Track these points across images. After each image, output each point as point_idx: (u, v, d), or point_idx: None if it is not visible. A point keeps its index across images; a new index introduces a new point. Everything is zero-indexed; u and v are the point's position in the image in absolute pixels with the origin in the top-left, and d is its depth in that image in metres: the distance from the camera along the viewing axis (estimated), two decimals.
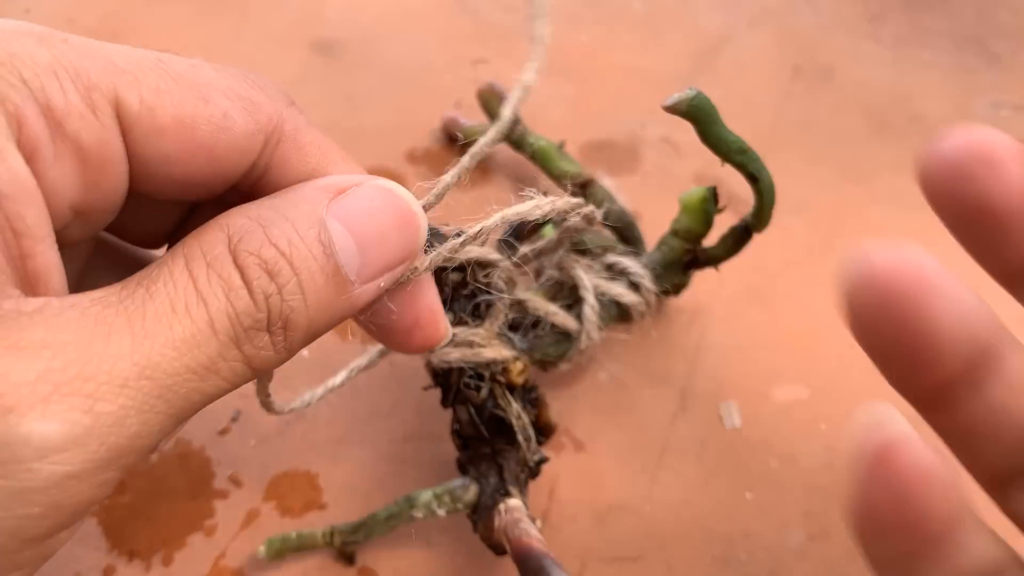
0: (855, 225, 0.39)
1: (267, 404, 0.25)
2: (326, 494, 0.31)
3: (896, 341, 0.16)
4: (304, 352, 0.34)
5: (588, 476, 0.32)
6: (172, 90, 0.19)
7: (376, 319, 0.21)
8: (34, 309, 0.16)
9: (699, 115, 0.25)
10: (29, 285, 0.18)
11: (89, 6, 0.49)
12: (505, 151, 0.40)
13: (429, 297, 0.22)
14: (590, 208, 0.25)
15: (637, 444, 0.32)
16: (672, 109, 0.25)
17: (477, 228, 0.22)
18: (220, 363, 0.18)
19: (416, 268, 0.21)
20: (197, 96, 0.20)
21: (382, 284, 0.20)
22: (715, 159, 0.27)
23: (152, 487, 0.31)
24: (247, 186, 0.22)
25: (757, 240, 0.30)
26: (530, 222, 0.23)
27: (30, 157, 0.18)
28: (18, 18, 0.19)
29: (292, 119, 0.21)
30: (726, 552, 0.30)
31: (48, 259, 0.18)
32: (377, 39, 0.47)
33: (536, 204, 0.23)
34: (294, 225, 0.19)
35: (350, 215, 0.19)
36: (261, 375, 0.20)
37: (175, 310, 0.17)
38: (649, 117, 0.43)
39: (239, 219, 0.19)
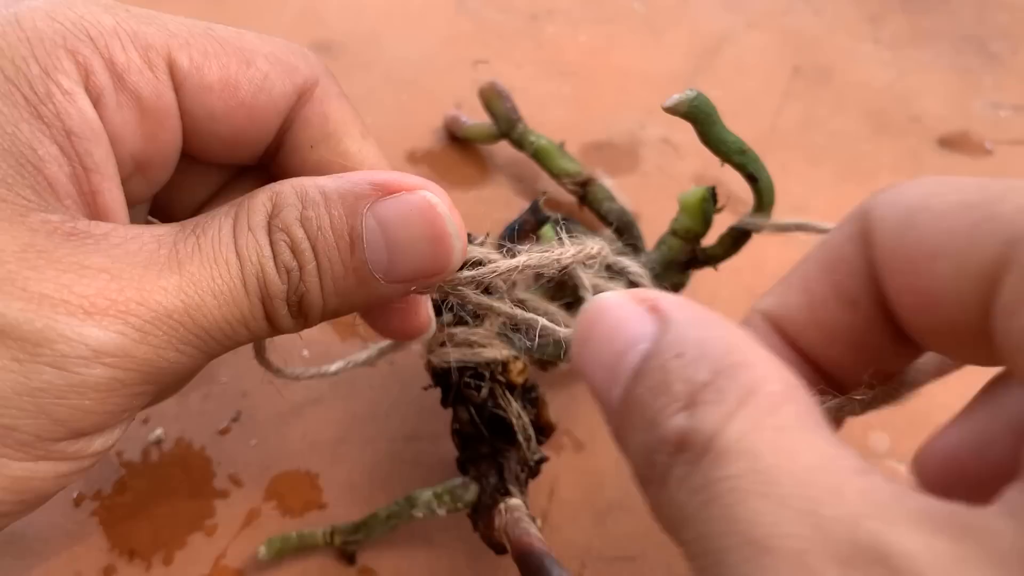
0: None
1: (262, 356, 0.27)
2: (326, 494, 0.31)
3: None
4: (305, 351, 0.34)
5: (588, 476, 0.32)
6: (219, 53, 0.22)
7: None
8: (101, 233, 0.19)
9: (699, 116, 0.25)
10: (98, 219, 0.20)
11: None
12: (506, 150, 0.40)
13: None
14: (604, 252, 0.25)
15: None
16: (672, 110, 0.25)
17: (503, 268, 0.22)
18: (250, 320, 0.20)
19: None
20: (241, 59, 0.22)
21: (413, 288, 0.21)
22: (715, 160, 0.27)
23: (153, 487, 0.31)
24: (274, 149, 0.24)
25: (756, 240, 0.30)
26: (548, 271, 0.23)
27: (96, 103, 0.20)
28: None
29: (324, 86, 0.23)
30: None
31: (114, 196, 0.20)
32: (377, 39, 0.47)
33: (562, 252, 0.23)
34: (331, 213, 0.20)
35: (388, 217, 0.20)
36: (279, 334, 0.22)
37: (217, 262, 0.19)
38: (649, 118, 0.44)
39: (286, 188, 0.20)
